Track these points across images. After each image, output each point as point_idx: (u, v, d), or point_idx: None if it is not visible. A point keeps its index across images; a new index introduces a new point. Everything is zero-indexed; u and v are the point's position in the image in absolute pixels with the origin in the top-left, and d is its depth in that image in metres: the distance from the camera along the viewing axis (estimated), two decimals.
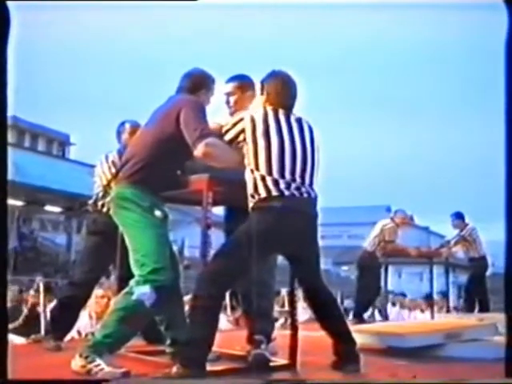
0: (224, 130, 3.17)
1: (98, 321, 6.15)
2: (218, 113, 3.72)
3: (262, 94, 3.29)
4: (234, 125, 3.15)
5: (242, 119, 3.14)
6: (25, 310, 7.56)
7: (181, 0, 3.64)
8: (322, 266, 3.38)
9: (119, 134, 4.57)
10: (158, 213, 3.24)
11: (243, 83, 3.78)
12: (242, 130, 3.12)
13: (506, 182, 2.77)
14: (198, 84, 3.46)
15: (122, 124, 4.57)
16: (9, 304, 7.96)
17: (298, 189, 3.08)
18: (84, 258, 4.47)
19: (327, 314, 3.33)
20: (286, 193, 3.04)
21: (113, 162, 4.35)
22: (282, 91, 3.24)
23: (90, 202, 4.53)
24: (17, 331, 6.67)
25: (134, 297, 3.10)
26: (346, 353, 3.28)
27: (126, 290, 3.19)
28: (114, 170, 4.26)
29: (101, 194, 4.39)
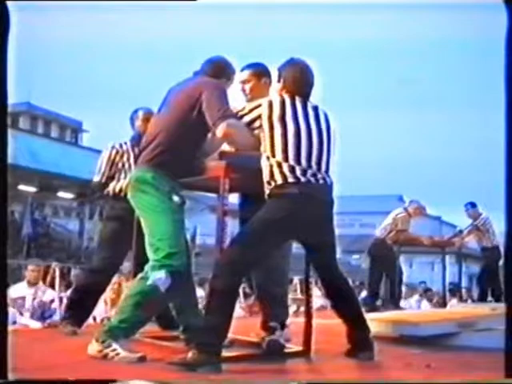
0: (240, 114, 3.16)
1: (112, 307, 6.20)
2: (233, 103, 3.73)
3: (278, 81, 3.29)
4: (251, 110, 3.15)
5: (259, 105, 3.14)
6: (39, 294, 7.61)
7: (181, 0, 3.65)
8: None
9: (132, 121, 4.59)
10: (176, 198, 3.24)
11: (258, 70, 3.78)
12: (259, 116, 3.11)
13: (506, 172, 2.76)
14: (219, 71, 3.43)
15: (136, 111, 4.58)
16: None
17: (314, 175, 3.08)
18: (103, 245, 4.47)
19: (343, 301, 3.34)
20: (303, 179, 3.04)
21: (117, 151, 4.44)
22: (300, 79, 3.24)
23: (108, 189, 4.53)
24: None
25: (149, 281, 3.11)
26: (360, 340, 3.29)
27: (142, 274, 3.21)
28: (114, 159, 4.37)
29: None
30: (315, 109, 3.23)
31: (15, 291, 6.74)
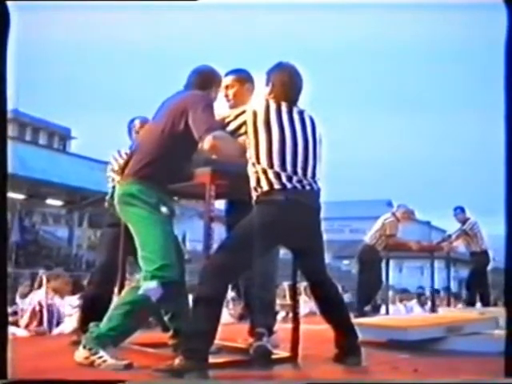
0: (226, 121, 3.17)
1: None
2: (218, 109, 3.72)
3: (267, 85, 3.28)
4: (236, 117, 3.15)
5: (244, 112, 3.14)
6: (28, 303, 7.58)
7: (181, 0, 3.64)
8: None
9: (130, 130, 4.58)
10: (164, 209, 3.23)
11: (241, 76, 3.79)
12: (244, 123, 3.12)
13: (506, 176, 2.77)
14: (207, 81, 3.44)
15: (132, 121, 4.57)
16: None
17: (299, 181, 3.08)
18: (105, 249, 4.45)
19: (331, 307, 3.34)
20: (288, 185, 3.04)
21: (126, 154, 4.36)
22: (288, 83, 3.23)
23: (107, 197, 4.51)
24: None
25: (140, 291, 3.10)
26: (348, 346, 3.29)
27: (133, 284, 3.21)
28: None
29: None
30: (301, 114, 3.23)
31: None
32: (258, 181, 3.06)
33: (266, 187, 3.04)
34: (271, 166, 3.05)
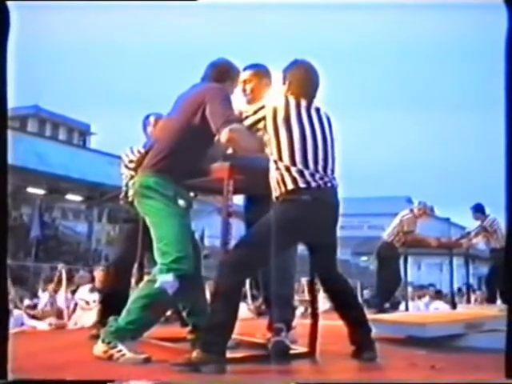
0: (244, 115, 3.17)
1: None
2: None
3: (284, 83, 3.28)
4: (255, 112, 3.15)
5: (263, 107, 3.14)
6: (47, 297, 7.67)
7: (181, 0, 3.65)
8: (342, 256, 3.39)
9: (145, 126, 4.58)
10: (181, 202, 3.24)
11: (260, 71, 3.79)
12: (263, 118, 3.12)
13: (506, 175, 2.75)
14: (223, 74, 3.44)
15: (147, 117, 4.58)
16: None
17: (321, 179, 3.08)
18: (122, 244, 4.48)
19: (344, 303, 3.35)
20: (313, 184, 3.04)
21: (139, 152, 4.37)
22: (305, 81, 3.23)
23: (121, 195, 4.53)
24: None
25: (156, 285, 3.12)
26: (361, 341, 3.30)
27: (149, 277, 3.22)
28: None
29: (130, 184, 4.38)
30: (318, 110, 3.24)
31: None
32: (282, 178, 3.06)
33: (290, 185, 3.04)
34: (294, 163, 3.05)
